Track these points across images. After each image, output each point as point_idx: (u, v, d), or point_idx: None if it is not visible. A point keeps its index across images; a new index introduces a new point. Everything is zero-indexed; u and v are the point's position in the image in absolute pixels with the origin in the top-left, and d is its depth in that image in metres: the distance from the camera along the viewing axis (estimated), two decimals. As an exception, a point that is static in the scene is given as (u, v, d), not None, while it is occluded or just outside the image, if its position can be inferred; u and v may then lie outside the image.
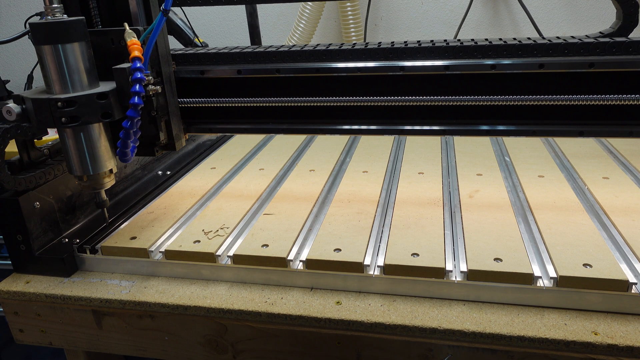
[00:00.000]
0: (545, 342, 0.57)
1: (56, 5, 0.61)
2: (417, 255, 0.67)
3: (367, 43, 0.75)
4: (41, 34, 0.60)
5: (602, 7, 1.43)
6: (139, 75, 0.61)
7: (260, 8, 1.44)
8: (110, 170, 0.69)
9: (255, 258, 0.69)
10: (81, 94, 0.61)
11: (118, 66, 0.63)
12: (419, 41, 0.74)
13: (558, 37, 0.70)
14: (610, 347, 0.56)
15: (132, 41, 0.63)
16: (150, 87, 0.66)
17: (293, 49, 0.72)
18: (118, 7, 0.68)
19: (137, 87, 0.62)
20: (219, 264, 0.71)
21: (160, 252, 0.74)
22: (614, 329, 0.57)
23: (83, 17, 0.62)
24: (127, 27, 0.64)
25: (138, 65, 0.61)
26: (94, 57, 0.65)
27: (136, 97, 0.62)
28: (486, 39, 0.72)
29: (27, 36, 1.45)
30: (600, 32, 0.71)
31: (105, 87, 0.64)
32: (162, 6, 0.62)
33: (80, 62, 0.62)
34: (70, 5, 0.68)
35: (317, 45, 0.74)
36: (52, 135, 1.19)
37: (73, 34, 0.61)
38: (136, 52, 0.62)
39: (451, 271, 0.65)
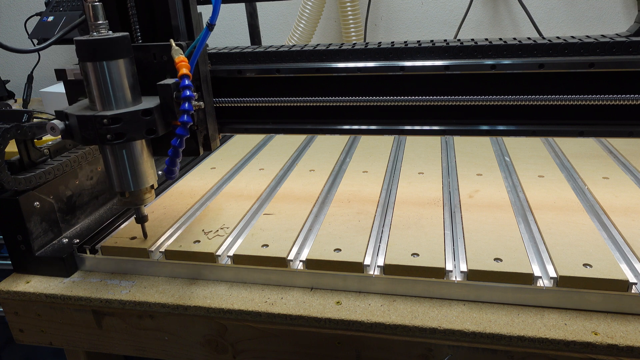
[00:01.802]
0: (545, 342, 0.57)
1: (101, 22, 0.60)
2: (417, 255, 0.67)
3: (367, 43, 0.75)
4: (87, 51, 0.59)
5: (602, 7, 1.43)
6: (188, 93, 0.60)
7: (260, 8, 1.44)
8: (152, 186, 0.69)
9: (255, 258, 0.69)
10: (126, 111, 0.60)
11: (163, 82, 0.62)
12: (419, 41, 0.74)
13: (558, 37, 0.70)
14: (610, 347, 0.56)
15: (180, 58, 0.61)
16: (194, 103, 0.64)
17: (293, 49, 0.72)
18: (158, 21, 0.67)
19: (187, 105, 0.60)
20: (219, 264, 0.71)
21: (160, 252, 0.74)
22: (614, 329, 0.57)
23: (127, 34, 0.62)
24: (174, 44, 0.63)
25: (187, 82, 0.60)
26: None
27: (185, 116, 0.61)
28: (486, 39, 0.72)
29: (27, 35, 1.45)
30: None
31: (149, 103, 0.63)
32: (208, 20, 0.61)
33: (125, 79, 0.61)
34: (110, 20, 0.67)
35: (317, 45, 0.74)
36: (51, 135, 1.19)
37: (118, 50, 0.60)
38: (184, 70, 0.61)
39: (451, 271, 0.65)
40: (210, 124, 0.72)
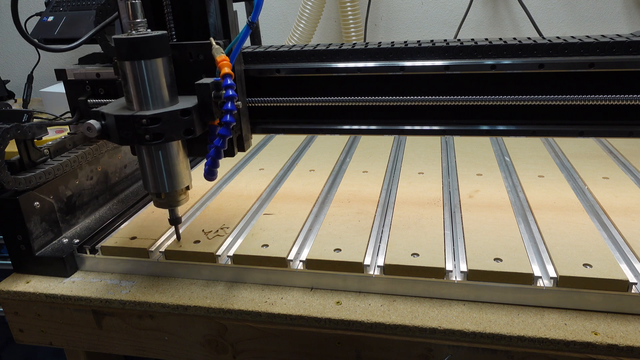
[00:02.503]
0: (545, 342, 0.57)
1: (140, 20, 0.59)
2: (417, 255, 0.67)
3: (367, 43, 0.75)
4: (126, 49, 0.58)
5: (602, 7, 1.43)
6: (230, 92, 0.59)
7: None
8: (187, 187, 0.68)
9: (255, 258, 0.69)
10: (165, 111, 0.59)
11: (202, 81, 0.61)
12: (419, 41, 0.74)
13: (558, 37, 0.70)
14: (610, 347, 0.56)
15: (222, 57, 0.60)
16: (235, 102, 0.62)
17: (293, 49, 0.72)
18: (194, 19, 0.65)
19: (230, 104, 0.59)
20: (219, 264, 0.71)
21: (160, 252, 0.74)
22: (614, 329, 0.57)
23: (166, 32, 0.60)
24: (214, 42, 0.62)
25: (229, 82, 0.59)
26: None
27: (228, 116, 0.59)
28: (486, 39, 0.72)
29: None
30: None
31: (186, 102, 0.61)
32: (249, 18, 0.60)
33: (163, 78, 0.60)
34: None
35: (317, 45, 0.74)
36: (52, 135, 1.19)
37: (158, 49, 0.59)
38: (226, 69, 0.59)
39: (451, 271, 0.65)
40: (244, 124, 0.71)
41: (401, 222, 0.76)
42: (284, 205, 0.84)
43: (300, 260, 0.69)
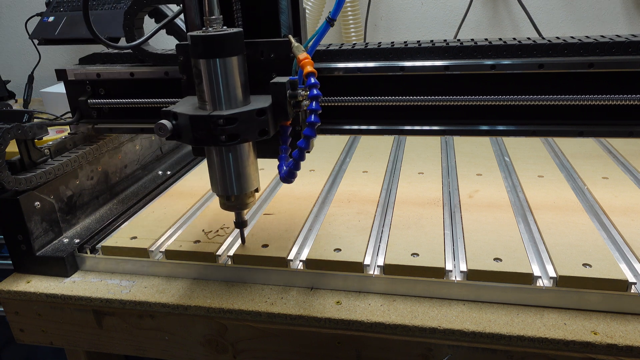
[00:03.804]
0: (544, 342, 0.57)
1: (216, 17, 0.56)
2: (417, 255, 0.67)
3: (367, 43, 0.75)
4: (202, 47, 0.56)
5: (602, 7, 1.43)
6: (315, 92, 0.56)
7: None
8: (256, 190, 0.66)
9: (255, 258, 0.69)
10: (241, 111, 0.57)
11: (277, 80, 0.59)
12: (418, 41, 0.74)
13: (558, 38, 0.70)
14: (609, 346, 0.56)
15: (304, 55, 0.58)
16: (305, 102, 0.60)
17: (293, 49, 0.72)
18: (264, 17, 0.63)
19: (314, 104, 0.57)
20: (219, 264, 0.71)
21: (160, 252, 0.74)
22: (614, 329, 0.58)
23: (242, 29, 0.58)
24: (294, 41, 0.60)
25: (313, 81, 0.56)
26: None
27: (313, 116, 0.57)
28: (486, 39, 0.72)
29: (27, 36, 1.46)
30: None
31: (259, 102, 0.59)
32: (329, 15, 0.58)
33: (238, 77, 0.58)
34: None
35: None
36: (52, 135, 1.20)
37: (234, 47, 0.57)
38: (309, 67, 0.57)
39: (451, 271, 0.65)
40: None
41: (401, 222, 0.76)
42: (284, 205, 0.84)
43: (300, 260, 0.69)
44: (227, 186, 0.63)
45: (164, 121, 0.58)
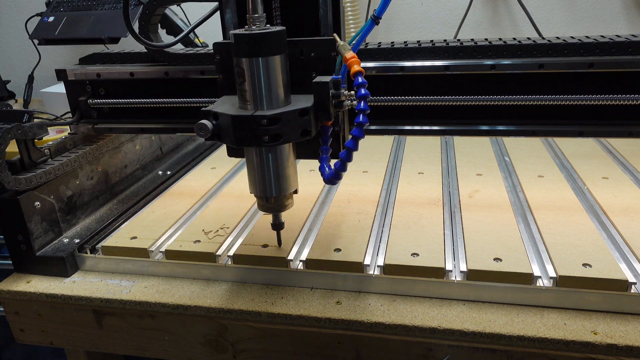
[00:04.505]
0: (544, 342, 0.57)
1: (259, 15, 0.55)
2: (417, 255, 0.67)
3: (367, 43, 0.75)
4: (247, 45, 0.54)
5: (602, 7, 1.43)
6: (363, 91, 0.54)
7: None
8: (295, 191, 0.64)
9: (255, 258, 0.69)
10: (284, 111, 0.55)
11: (319, 79, 0.57)
12: (419, 41, 0.74)
13: (558, 38, 0.70)
14: (609, 346, 0.56)
15: (351, 54, 0.56)
16: (347, 102, 0.58)
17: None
18: (303, 15, 0.61)
19: (362, 104, 0.55)
20: (219, 264, 0.71)
21: (160, 252, 0.74)
22: (614, 329, 0.58)
23: (284, 28, 0.56)
24: (339, 40, 0.58)
25: (360, 80, 0.54)
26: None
27: (361, 116, 0.55)
28: (486, 39, 0.72)
29: (27, 36, 1.46)
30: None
31: (300, 102, 0.57)
32: (374, 12, 0.56)
33: (281, 76, 0.56)
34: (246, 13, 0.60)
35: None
36: (52, 135, 1.20)
37: (278, 45, 0.55)
38: (357, 67, 0.55)
39: (451, 271, 0.65)
40: (346, 125, 0.67)
41: (401, 222, 0.76)
42: (284, 205, 0.84)
43: (300, 260, 0.69)
44: (266, 187, 0.62)
45: (204, 121, 0.56)
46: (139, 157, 1.00)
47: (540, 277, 0.62)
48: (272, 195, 0.62)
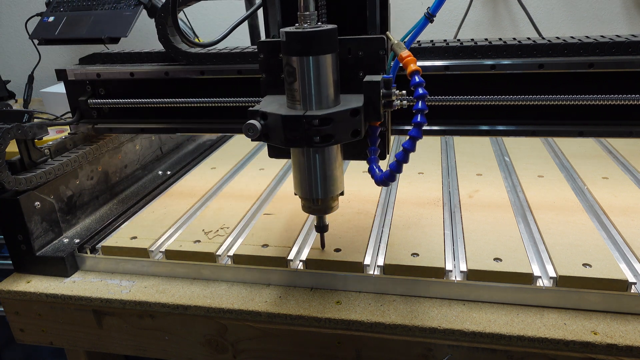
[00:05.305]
0: (544, 342, 0.57)
1: (311, 12, 0.53)
2: (417, 255, 0.67)
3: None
4: (299, 44, 0.52)
5: (602, 7, 1.44)
6: (420, 91, 0.53)
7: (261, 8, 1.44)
8: (341, 193, 0.63)
9: (255, 258, 0.69)
10: (336, 111, 0.53)
11: (370, 79, 0.55)
12: (419, 41, 0.74)
13: (558, 38, 0.70)
14: (609, 346, 0.56)
15: (407, 53, 0.54)
16: (397, 102, 0.56)
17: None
18: (349, 12, 0.60)
19: (420, 104, 0.53)
20: (219, 264, 0.71)
21: (160, 252, 0.74)
22: (614, 329, 0.58)
23: (336, 26, 0.54)
24: (393, 38, 0.56)
25: (417, 79, 0.53)
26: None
27: (419, 116, 0.53)
28: (486, 39, 0.72)
29: (27, 36, 1.46)
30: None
31: (350, 102, 0.56)
32: (429, 10, 0.55)
33: (332, 76, 0.54)
34: (293, 10, 0.58)
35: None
36: (52, 135, 1.20)
37: (330, 44, 0.54)
38: (413, 66, 0.53)
39: (451, 271, 0.65)
40: (389, 126, 0.66)
41: (401, 222, 0.76)
42: (284, 205, 0.84)
43: (300, 260, 0.69)
44: (312, 189, 0.60)
45: (253, 121, 0.54)
46: (139, 157, 1.00)
47: (540, 277, 0.62)
48: (319, 197, 0.61)
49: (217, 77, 0.77)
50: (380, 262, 0.67)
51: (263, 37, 1.49)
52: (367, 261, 0.67)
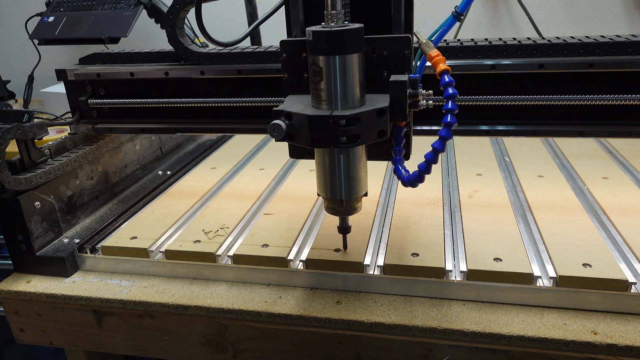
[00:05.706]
0: (544, 342, 0.57)
1: (338, 10, 0.52)
2: (417, 255, 0.67)
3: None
4: (327, 43, 0.52)
5: (602, 7, 1.43)
6: (450, 91, 0.52)
7: (260, 8, 1.44)
8: (365, 194, 0.62)
9: (255, 258, 0.69)
10: (363, 111, 0.53)
11: (397, 78, 0.55)
12: (419, 41, 0.74)
13: (558, 38, 0.70)
14: (609, 346, 0.56)
15: (436, 52, 0.54)
16: (423, 102, 0.56)
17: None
18: (372, 11, 0.59)
19: (450, 104, 0.53)
20: (219, 264, 0.71)
21: (160, 252, 0.74)
22: (614, 329, 0.58)
23: (362, 25, 0.54)
24: (421, 37, 0.56)
25: (447, 79, 0.52)
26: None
27: (449, 116, 0.53)
28: (486, 39, 0.72)
29: (27, 36, 1.46)
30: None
31: (376, 102, 0.55)
32: (457, 9, 0.54)
33: (358, 75, 0.54)
34: (317, 9, 0.58)
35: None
36: (52, 135, 1.20)
37: (356, 43, 0.53)
38: (442, 65, 0.53)
39: (451, 271, 0.65)
40: (411, 126, 0.65)
41: (401, 222, 0.76)
42: (284, 205, 0.84)
43: (300, 260, 0.69)
44: (336, 190, 0.60)
45: (278, 121, 0.53)
46: (139, 157, 1.00)
47: (540, 277, 0.62)
48: (343, 198, 0.60)
49: (218, 76, 0.77)
50: (380, 262, 0.67)
51: (262, 37, 1.50)
52: (367, 261, 0.67)
